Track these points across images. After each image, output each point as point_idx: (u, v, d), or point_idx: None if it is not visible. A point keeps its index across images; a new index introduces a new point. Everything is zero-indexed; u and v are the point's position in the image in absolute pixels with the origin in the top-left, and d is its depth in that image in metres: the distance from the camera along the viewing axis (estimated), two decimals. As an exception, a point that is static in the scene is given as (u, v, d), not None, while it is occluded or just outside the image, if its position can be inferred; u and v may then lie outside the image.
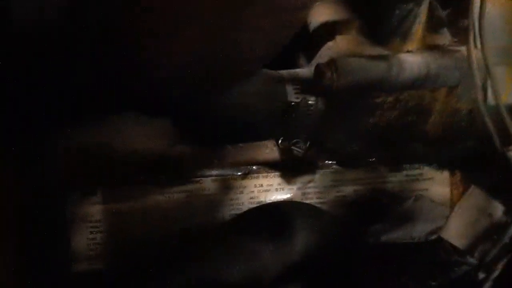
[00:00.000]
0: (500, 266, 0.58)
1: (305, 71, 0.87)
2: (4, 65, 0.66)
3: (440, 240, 0.65)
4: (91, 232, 0.86)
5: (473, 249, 0.61)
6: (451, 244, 0.63)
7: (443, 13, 0.86)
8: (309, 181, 0.92)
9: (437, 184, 0.95)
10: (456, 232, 0.62)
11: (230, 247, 0.69)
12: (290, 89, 0.84)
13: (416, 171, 0.95)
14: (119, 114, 0.88)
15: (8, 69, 0.67)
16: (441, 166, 0.94)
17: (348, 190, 0.93)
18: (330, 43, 0.87)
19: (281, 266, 0.72)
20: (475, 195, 0.61)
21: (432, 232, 0.86)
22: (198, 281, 0.63)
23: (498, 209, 0.59)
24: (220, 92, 0.76)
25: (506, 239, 0.58)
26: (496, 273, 0.58)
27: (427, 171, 0.95)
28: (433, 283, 0.66)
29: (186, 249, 0.70)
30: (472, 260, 0.63)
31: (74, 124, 0.84)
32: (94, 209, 0.86)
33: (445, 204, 0.94)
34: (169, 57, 0.67)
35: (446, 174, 0.95)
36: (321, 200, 0.92)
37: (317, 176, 0.92)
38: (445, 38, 0.87)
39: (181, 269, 0.64)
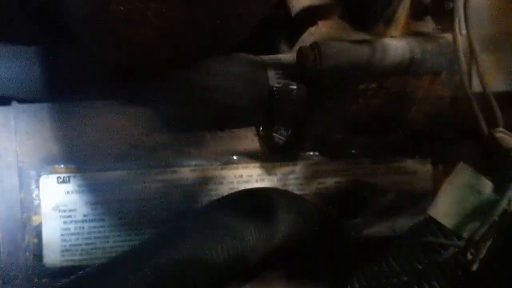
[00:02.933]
0: (488, 245, 0.56)
1: (287, 56, 0.86)
2: None
3: (426, 221, 0.63)
4: (65, 222, 0.83)
5: (461, 228, 0.59)
6: (438, 224, 0.61)
7: (427, 0, 0.86)
8: (290, 172, 0.90)
9: (419, 177, 0.94)
10: (443, 210, 0.60)
11: (213, 226, 0.67)
12: (271, 74, 0.83)
13: (399, 164, 0.93)
14: (94, 100, 0.86)
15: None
16: (423, 158, 0.93)
17: (329, 182, 0.91)
18: (312, 29, 0.87)
19: (263, 249, 0.70)
20: (463, 171, 0.59)
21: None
22: (182, 258, 0.60)
23: (487, 186, 0.58)
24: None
25: (495, 217, 0.56)
26: (483, 252, 0.57)
27: (410, 164, 0.93)
28: (420, 267, 0.64)
29: (167, 228, 0.68)
30: (458, 242, 0.61)
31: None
32: (68, 198, 0.83)
33: (427, 198, 0.93)
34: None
35: (428, 167, 0.94)
36: (302, 192, 0.90)
37: (298, 167, 0.90)
38: (428, 25, 0.87)
39: (163, 247, 0.62)
